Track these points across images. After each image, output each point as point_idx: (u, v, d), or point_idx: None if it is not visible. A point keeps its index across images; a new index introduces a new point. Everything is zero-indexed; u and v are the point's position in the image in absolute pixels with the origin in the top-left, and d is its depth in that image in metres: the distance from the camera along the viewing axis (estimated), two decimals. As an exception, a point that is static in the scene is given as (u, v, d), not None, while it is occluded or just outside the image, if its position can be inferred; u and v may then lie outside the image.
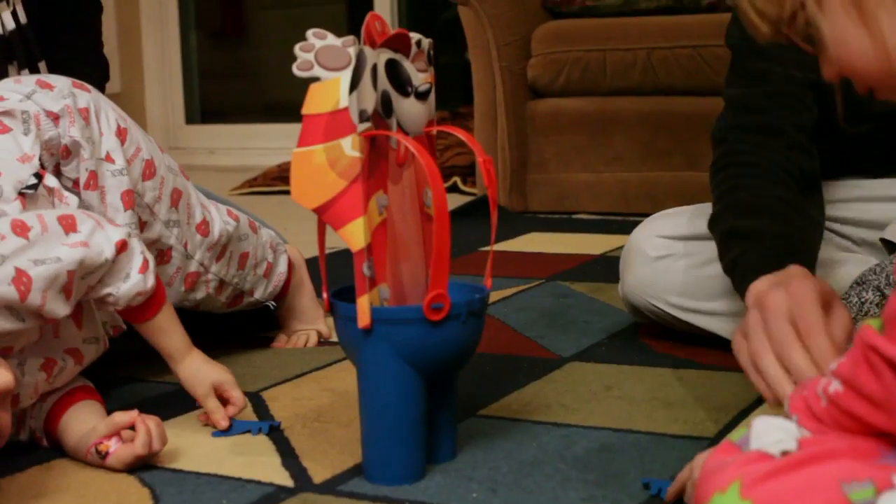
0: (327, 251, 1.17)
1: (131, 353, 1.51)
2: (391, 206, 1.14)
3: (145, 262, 1.24)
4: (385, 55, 1.12)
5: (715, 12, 2.87)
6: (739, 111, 1.46)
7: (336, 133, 1.08)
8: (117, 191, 1.36)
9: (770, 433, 0.77)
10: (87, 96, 1.35)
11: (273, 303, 1.73)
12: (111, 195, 1.36)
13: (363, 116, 1.08)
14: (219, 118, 4.86)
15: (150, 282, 1.25)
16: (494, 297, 1.94)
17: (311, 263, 1.66)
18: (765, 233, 1.28)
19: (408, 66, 1.16)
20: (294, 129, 3.94)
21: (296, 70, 1.07)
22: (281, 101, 5.06)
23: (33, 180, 1.24)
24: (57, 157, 1.33)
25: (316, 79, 1.07)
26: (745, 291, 1.19)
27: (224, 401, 1.32)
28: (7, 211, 1.19)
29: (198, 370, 1.30)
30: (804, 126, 1.42)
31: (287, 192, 3.48)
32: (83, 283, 1.19)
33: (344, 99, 1.07)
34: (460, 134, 1.19)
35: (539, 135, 2.94)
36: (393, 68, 1.13)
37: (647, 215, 1.68)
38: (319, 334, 1.72)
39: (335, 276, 1.18)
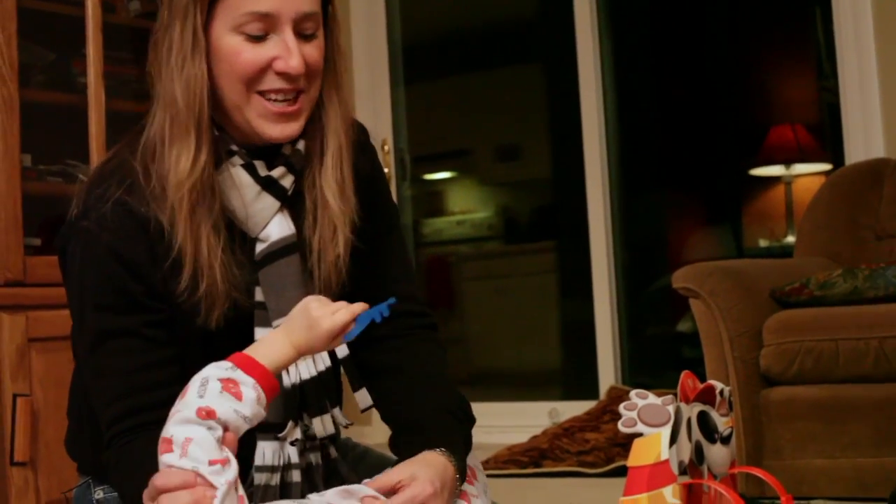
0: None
1: None
2: (705, 547, 1.24)
3: None
4: (696, 408, 1.25)
5: (945, 299, 2.92)
6: None
7: (658, 482, 1.19)
8: None
9: None
10: None
11: None
12: None
13: (681, 467, 1.19)
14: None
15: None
16: None
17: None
18: None
19: (714, 415, 1.28)
20: (509, 407, 4.03)
21: (621, 427, 1.20)
22: (485, 369, 5.23)
23: None
24: None
25: (639, 434, 1.20)
26: None
27: None
28: None
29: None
30: None
31: (518, 476, 3.61)
32: None
33: (665, 452, 1.19)
34: (759, 473, 1.29)
35: (773, 422, 3.00)
36: (703, 419, 1.25)
37: (885, 500, 1.72)
38: None
39: None
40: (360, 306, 1.39)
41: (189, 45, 1.46)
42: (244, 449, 1.55)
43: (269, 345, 1.39)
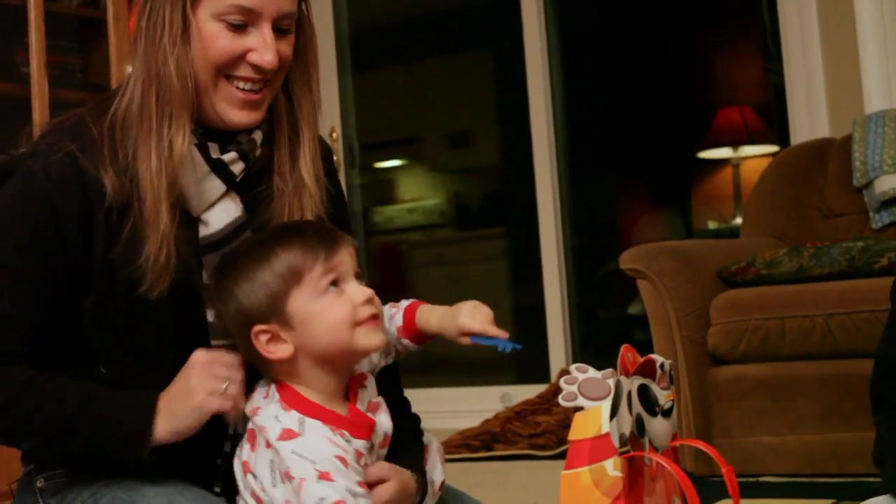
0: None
1: None
2: (647, 518, 1.25)
3: None
4: (637, 381, 1.26)
5: (889, 275, 2.95)
6: None
7: (600, 456, 1.20)
8: None
9: None
10: None
11: None
12: None
13: (622, 440, 1.20)
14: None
15: None
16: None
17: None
18: None
19: (654, 388, 1.29)
20: (461, 392, 4.04)
21: (561, 400, 1.20)
22: (437, 355, 5.24)
23: None
24: None
25: (580, 408, 1.21)
26: None
27: None
28: None
29: None
30: None
31: (470, 460, 3.62)
32: None
33: (605, 425, 1.20)
34: (700, 445, 1.31)
35: (722, 400, 3.03)
36: (644, 393, 1.26)
37: (833, 476, 1.75)
38: None
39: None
40: None
41: (179, 27, 1.51)
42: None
43: None
